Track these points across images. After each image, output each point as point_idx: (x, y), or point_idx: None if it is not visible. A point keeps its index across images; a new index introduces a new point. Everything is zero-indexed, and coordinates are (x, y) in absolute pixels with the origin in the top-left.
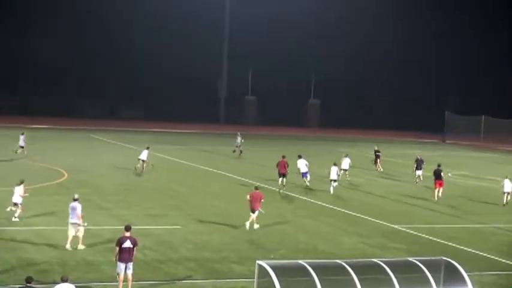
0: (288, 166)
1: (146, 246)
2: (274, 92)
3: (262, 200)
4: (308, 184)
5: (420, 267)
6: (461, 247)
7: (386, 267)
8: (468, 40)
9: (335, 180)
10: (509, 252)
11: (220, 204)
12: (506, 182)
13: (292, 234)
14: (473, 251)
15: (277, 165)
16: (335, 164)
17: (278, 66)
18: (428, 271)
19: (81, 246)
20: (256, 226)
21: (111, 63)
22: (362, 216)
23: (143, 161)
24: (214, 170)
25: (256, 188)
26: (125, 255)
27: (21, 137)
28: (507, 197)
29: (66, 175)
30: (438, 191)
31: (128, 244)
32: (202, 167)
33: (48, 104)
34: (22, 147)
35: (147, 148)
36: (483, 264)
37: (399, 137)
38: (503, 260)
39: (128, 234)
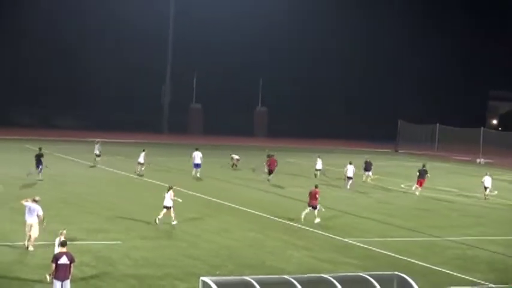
0: (277, 164)
1: (84, 263)
2: (220, 99)
3: (317, 196)
4: (198, 175)
5: (372, 283)
6: (415, 261)
7: (336, 283)
8: (421, 48)
9: (351, 178)
10: (464, 266)
11: (162, 219)
12: (487, 178)
13: (239, 248)
14: (427, 265)
15: (267, 162)
16: (350, 163)
17: (224, 73)
18: (381, 287)
19: (31, 248)
20: (317, 220)
21: (47, 70)
22: (311, 229)
23: (141, 163)
24: (157, 182)
25: (316, 186)
26: (61, 272)
27: (96, 146)
28: (487, 192)
29: None
30: (417, 188)
31: (64, 260)
32: (144, 179)
33: None
34: (98, 155)
35: (144, 150)
36: (437, 278)
37: (351, 146)
38: (458, 274)
39: (64, 249)
